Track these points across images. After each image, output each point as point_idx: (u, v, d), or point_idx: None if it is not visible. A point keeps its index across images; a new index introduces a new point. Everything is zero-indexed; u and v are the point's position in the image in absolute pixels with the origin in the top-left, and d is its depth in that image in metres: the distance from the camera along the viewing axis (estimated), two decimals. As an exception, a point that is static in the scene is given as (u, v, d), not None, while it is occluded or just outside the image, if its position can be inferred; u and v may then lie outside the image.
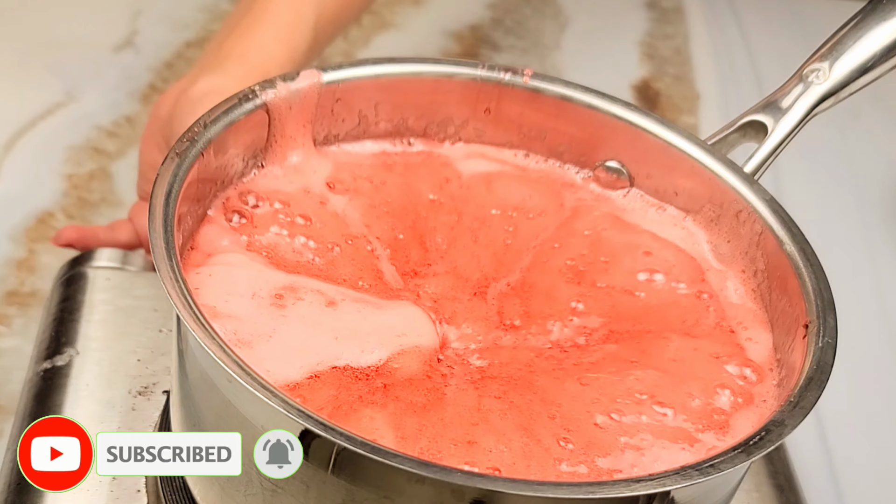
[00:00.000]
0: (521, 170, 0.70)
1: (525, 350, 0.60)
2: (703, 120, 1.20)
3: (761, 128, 0.66)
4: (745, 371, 0.59)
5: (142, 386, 0.70)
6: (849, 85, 0.66)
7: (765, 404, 0.58)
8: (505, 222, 0.67)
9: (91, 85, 1.13)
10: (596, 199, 0.69)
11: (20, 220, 0.98)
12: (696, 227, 0.67)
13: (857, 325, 0.98)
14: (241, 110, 0.62)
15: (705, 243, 0.66)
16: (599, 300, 0.63)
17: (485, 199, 0.68)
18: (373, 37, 1.25)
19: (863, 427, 0.92)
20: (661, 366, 0.59)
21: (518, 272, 0.65)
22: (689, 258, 0.65)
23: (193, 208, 0.60)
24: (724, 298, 0.63)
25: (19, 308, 0.91)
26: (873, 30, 0.65)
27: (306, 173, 0.66)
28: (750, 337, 0.61)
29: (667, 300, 0.63)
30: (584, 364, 0.59)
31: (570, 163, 0.70)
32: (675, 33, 1.33)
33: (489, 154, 0.71)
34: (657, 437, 0.55)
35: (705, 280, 0.64)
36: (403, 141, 0.70)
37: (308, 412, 0.48)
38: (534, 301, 0.63)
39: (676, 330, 0.61)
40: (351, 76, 0.66)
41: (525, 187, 0.69)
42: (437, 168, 0.69)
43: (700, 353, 0.59)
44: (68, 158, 1.05)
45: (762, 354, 0.60)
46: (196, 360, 0.54)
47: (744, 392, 0.58)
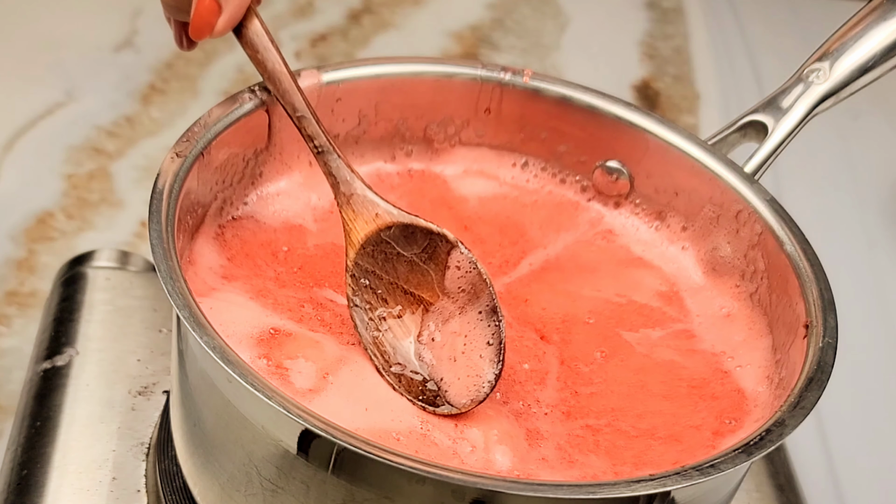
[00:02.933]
0: (518, 190, 0.70)
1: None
2: (703, 120, 1.20)
3: (761, 128, 0.65)
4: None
5: (142, 386, 0.70)
6: (849, 85, 0.66)
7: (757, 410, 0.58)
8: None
9: (91, 85, 1.13)
10: (591, 224, 0.69)
11: (20, 219, 0.98)
12: (690, 245, 0.67)
13: (858, 325, 0.98)
14: (240, 110, 0.62)
15: (698, 265, 0.66)
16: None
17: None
18: (373, 37, 1.25)
19: (863, 427, 0.92)
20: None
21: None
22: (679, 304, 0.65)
23: (192, 219, 0.60)
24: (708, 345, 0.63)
25: (19, 308, 0.91)
26: (873, 30, 0.65)
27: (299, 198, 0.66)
28: (739, 364, 0.62)
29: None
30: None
31: (569, 165, 0.70)
32: (675, 33, 1.33)
33: (488, 171, 0.71)
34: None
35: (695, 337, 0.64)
36: (401, 151, 0.70)
37: (308, 412, 0.48)
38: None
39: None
40: (351, 76, 0.66)
41: (523, 218, 0.69)
42: (437, 190, 0.69)
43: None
44: (68, 158, 1.05)
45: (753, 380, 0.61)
46: (196, 360, 0.54)
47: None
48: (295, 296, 0.60)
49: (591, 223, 0.69)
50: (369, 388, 0.56)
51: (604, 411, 0.58)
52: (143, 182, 1.03)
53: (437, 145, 0.70)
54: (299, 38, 1.23)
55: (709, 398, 0.60)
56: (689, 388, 0.60)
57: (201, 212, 0.62)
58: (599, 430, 0.57)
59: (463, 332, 0.58)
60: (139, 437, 0.67)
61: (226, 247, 0.62)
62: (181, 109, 1.12)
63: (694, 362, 0.62)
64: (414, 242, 0.59)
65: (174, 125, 1.10)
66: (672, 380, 0.61)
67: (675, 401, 0.60)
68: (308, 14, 1.27)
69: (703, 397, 0.60)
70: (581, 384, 0.60)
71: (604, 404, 0.59)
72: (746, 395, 0.60)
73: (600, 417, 0.58)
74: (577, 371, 0.60)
